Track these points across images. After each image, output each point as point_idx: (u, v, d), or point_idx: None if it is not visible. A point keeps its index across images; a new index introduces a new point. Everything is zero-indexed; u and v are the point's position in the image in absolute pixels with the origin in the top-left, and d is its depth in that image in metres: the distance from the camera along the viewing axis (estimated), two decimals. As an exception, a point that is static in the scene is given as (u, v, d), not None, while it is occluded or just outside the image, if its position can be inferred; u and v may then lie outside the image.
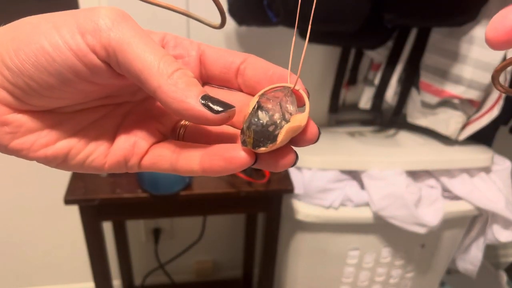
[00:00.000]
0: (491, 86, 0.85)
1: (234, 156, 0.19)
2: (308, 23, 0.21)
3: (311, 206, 0.87)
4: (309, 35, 0.87)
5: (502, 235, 0.91)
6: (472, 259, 0.99)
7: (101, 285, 0.88)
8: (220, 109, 0.18)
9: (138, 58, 0.18)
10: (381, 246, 0.93)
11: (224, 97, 0.21)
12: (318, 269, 0.97)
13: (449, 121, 0.90)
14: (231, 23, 0.93)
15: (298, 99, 0.20)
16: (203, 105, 0.18)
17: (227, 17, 0.97)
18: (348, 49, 0.96)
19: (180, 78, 0.18)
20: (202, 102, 0.18)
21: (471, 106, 0.88)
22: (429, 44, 0.86)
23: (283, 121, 0.19)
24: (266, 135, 0.19)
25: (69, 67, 0.18)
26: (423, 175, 0.91)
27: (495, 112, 0.85)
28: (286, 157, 0.20)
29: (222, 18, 0.24)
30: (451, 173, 0.91)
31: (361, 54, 0.97)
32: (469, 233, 0.99)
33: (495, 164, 0.92)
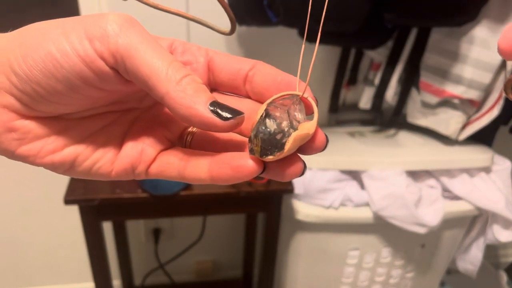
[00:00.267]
0: (491, 86, 0.85)
1: (242, 164, 0.19)
2: (307, 23, 0.21)
3: (311, 206, 0.87)
4: (308, 35, 0.86)
5: (502, 235, 0.91)
6: (472, 259, 0.99)
7: (101, 285, 0.88)
8: (228, 115, 0.18)
9: (146, 64, 0.18)
10: (381, 246, 0.93)
11: (232, 104, 0.21)
12: (318, 269, 0.97)
13: (449, 121, 0.90)
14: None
15: (306, 107, 0.20)
16: (211, 111, 0.18)
17: (227, 18, 0.97)
18: (348, 49, 0.96)
19: (188, 84, 0.18)
20: (210, 108, 0.18)
21: (471, 106, 0.88)
22: (429, 44, 0.86)
23: (291, 129, 0.19)
24: (273, 143, 0.19)
25: (76, 74, 0.18)
26: (423, 175, 0.91)
27: (495, 112, 0.85)
28: (293, 166, 0.20)
29: (232, 24, 0.24)
30: (451, 173, 0.91)
31: (361, 54, 0.97)
32: (469, 233, 0.99)
33: (495, 164, 0.92)
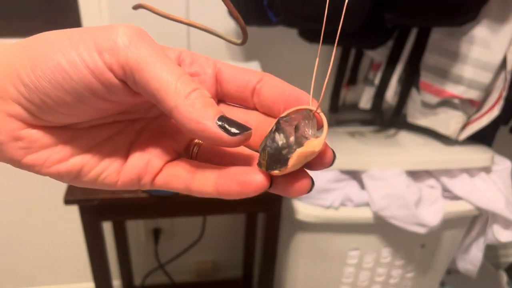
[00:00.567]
0: (491, 86, 0.85)
1: (249, 180, 0.19)
2: (308, 23, 0.21)
3: (311, 206, 0.87)
4: (309, 35, 0.86)
5: (502, 235, 0.91)
6: (472, 259, 0.99)
7: (101, 285, 0.88)
8: (236, 131, 0.18)
9: (155, 77, 0.18)
10: (381, 246, 0.93)
11: (239, 116, 0.22)
12: (318, 269, 0.97)
13: (449, 121, 0.90)
14: (231, 23, 0.93)
15: (318, 123, 0.20)
16: (219, 126, 0.18)
17: (227, 18, 0.97)
18: (348, 49, 0.96)
19: (197, 98, 0.18)
20: (218, 123, 0.18)
21: (471, 106, 0.88)
22: (429, 44, 0.86)
23: (297, 145, 0.19)
24: (278, 158, 0.19)
25: (85, 85, 0.18)
26: (423, 175, 0.91)
27: (495, 112, 0.85)
28: (300, 182, 0.19)
29: (243, 35, 0.24)
30: (451, 173, 0.91)
31: (361, 54, 0.97)
32: (469, 233, 0.99)
33: (495, 164, 0.92)
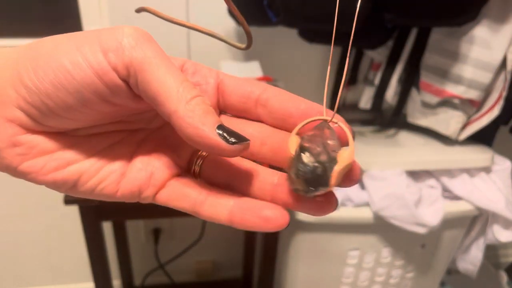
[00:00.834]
0: (491, 86, 0.85)
1: (273, 216, 0.19)
2: (308, 23, 0.21)
3: (311, 206, 0.87)
4: (309, 35, 0.86)
5: (502, 235, 0.91)
6: (472, 259, 0.99)
7: (101, 285, 0.88)
8: (235, 140, 0.18)
9: (158, 80, 0.18)
10: (381, 246, 0.93)
11: (241, 127, 0.22)
12: (318, 269, 0.97)
13: (449, 121, 0.90)
14: (231, 22, 0.93)
15: (337, 132, 0.20)
16: (218, 134, 0.18)
17: (227, 17, 0.97)
18: (348, 49, 0.96)
19: (198, 105, 0.18)
20: (218, 132, 0.18)
21: (471, 106, 0.88)
22: (429, 44, 0.86)
23: (331, 163, 0.18)
24: (317, 180, 0.18)
25: (88, 86, 0.18)
26: (423, 175, 0.91)
27: (496, 112, 0.85)
28: (328, 201, 0.19)
29: (248, 39, 0.24)
30: (451, 173, 0.91)
31: (361, 54, 0.97)
32: (469, 233, 0.99)
33: (495, 164, 0.92)
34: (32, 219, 1.17)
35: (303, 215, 0.87)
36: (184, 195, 0.21)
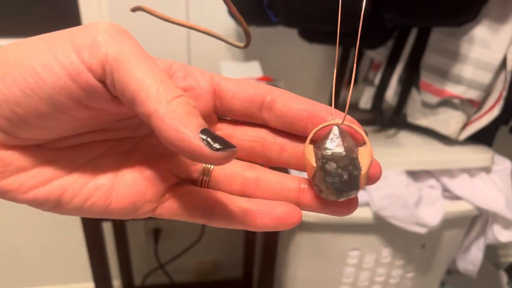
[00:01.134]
0: (491, 86, 0.85)
1: (285, 215, 0.19)
2: (308, 23, 0.21)
3: (311, 206, 0.87)
4: (309, 35, 0.86)
5: (502, 235, 0.91)
6: (472, 259, 0.99)
7: (101, 285, 0.88)
8: (219, 146, 0.16)
9: (136, 78, 0.16)
10: (381, 246, 0.93)
11: (246, 132, 0.21)
12: (318, 269, 0.97)
13: (449, 121, 0.90)
14: (231, 22, 0.93)
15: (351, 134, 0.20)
16: (201, 139, 0.16)
17: (227, 17, 0.97)
18: (348, 49, 0.96)
19: (181, 105, 0.16)
20: (201, 136, 0.16)
21: (472, 106, 0.88)
22: (429, 44, 0.86)
23: (355, 166, 0.18)
24: (347, 186, 0.18)
25: (61, 89, 0.16)
26: (423, 175, 0.91)
27: (496, 112, 0.85)
28: (351, 201, 0.20)
29: (247, 38, 0.24)
30: (451, 173, 0.91)
31: (361, 54, 0.97)
32: (469, 233, 0.99)
33: (495, 164, 0.92)
34: (32, 219, 1.17)
35: (303, 215, 0.87)
36: (187, 206, 0.20)
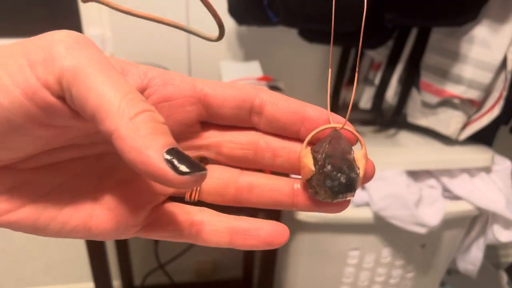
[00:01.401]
0: (491, 86, 0.85)
1: (271, 236, 0.19)
2: (308, 23, 0.21)
3: (311, 206, 0.87)
4: (309, 35, 0.85)
5: (502, 235, 0.91)
6: (472, 259, 0.99)
7: (101, 285, 0.88)
8: (186, 170, 0.14)
9: (95, 93, 0.14)
10: (381, 246, 0.93)
11: (235, 137, 0.20)
12: (318, 269, 0.97)
13: (449, 121, 0.90)
14: (231, 22, 0.93)
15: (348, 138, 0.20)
16: (166, 161, 0.14)
17: (227, 17, 0.97)
18: (348, 49, 0.96)
19: (144, 123, 0.14)
20: (166, 157, 0.14)
21: (472, 106, 0.88)
22: (430, 44, 0.86)
23: (351, 168, 0.19)
24: (344, 189, 0.19)
25: (17, 111, 0.14)
26: (424, 175, 0.91)
27: (496, 112, 0.85)
28: (346, 200, 0.20)
29: (220, 31, 0.23)
30: (451, 173, 0.91)
31: (361, 54, 0.97)
32: (470, 233, 0.99)
33: (496, 164, 0.92)
34: (32, 219, 1.17)
35: (303, 215, 0.87)
36: (174, 228, 0.19)
